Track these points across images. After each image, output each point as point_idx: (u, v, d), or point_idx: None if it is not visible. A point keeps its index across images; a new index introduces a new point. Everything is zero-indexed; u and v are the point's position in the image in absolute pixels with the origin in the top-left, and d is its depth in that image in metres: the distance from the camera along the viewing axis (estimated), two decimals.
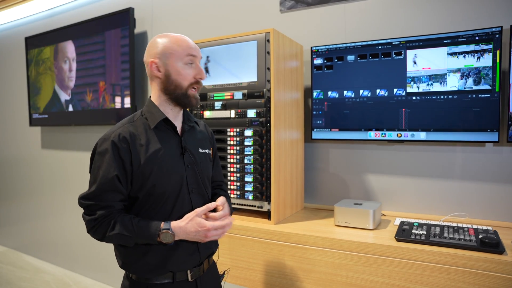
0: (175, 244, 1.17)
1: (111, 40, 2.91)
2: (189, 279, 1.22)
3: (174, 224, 1.14)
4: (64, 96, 3.34)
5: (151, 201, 1.17)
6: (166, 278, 1.20)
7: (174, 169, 1.19)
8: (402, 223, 1.63)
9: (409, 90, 1.77)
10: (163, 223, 1.13)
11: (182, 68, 1.18)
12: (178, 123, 1.26)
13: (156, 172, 1.15)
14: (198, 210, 1.16)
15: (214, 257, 1.40)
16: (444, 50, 1.69)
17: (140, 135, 1.17)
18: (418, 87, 1.75)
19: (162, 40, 1.19)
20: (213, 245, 1.32)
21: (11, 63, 3.98)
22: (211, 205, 1.18)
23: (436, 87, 1.71)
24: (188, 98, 1.20)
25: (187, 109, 1.35)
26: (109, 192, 1.12)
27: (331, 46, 1.94)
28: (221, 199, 1.26)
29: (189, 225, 1.13)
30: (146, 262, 1.17)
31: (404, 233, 1.51)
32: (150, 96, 1.26)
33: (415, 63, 1.75)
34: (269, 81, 1.72)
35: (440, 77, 1.70)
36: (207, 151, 1.34)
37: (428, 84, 1.73)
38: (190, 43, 1.21)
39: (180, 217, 1.19)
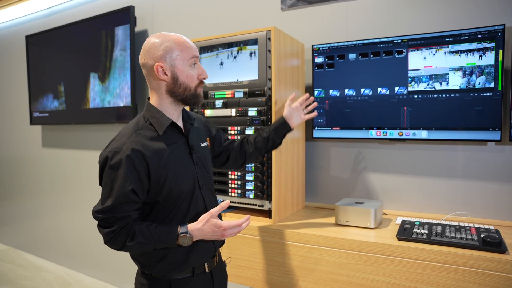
0: (195, 242, 1.21)
1: None
2: (206, 270, 1.27)
3: (191, 226, 1.17)
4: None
5: (169, 204, 1.20)
6: (187, 273, 1.23)
7: (186, 170, 1.22)
8: (403, 222, 1.63)
9: (410, 88, 1.76)
10: (180, 227, 1.16)
11: (188, 70, 1.19)
12: (180, 123, 1.28)
13: (171, 176, 1.17)
14: (213, 211, 1.18)
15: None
16: (446, 48, 1.68)
17: (151, 143, 1.17)
18: (419, 86, 1.74)
19: (163, 41, 1.17)
20: None
21: (12, 61, 3.98)
22: (224, 204, 1.20)
23: (438, 85, 1.70)
24: (197, 98, 1.24)
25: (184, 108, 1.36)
26: (125, 204, 1.12)
27: (332, 45, 1.93)
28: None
29: (205, 226, 1.16)
30: (168, 262, 1.20)
31: (405, 232, 1.50)
32: (148, 99, 1.25)
33: (416, 61, 1.74)
34: (270, 79, 1.72)
35: (441, 76, 1.69)
36: (206, 144, 1.37)
37: (429, 83, 1.72)
38: (191, 44, 1.22)
39: (196, 215, 1.23)
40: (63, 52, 3.31)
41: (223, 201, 1.25)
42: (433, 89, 1.71)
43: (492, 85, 1.59)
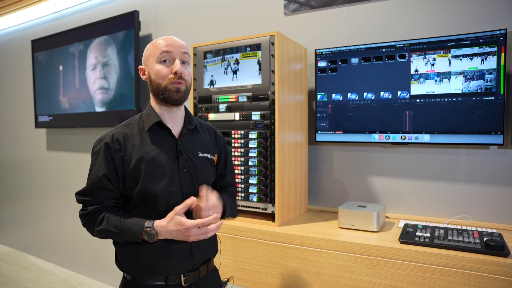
0: (167, 247, 1.17)
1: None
2: (183, 283, 1.20)
3: (157, 223, 1.11)
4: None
5: (143, 202, 1.18)
6: (159, 280, 1.19)
7: (165, 172, 1.18)
8: (406, 225, 1.63)
9: (413, 92, 1.77)
10: (147, 221, 1.12)
11: (158, 67, 1.18)
12: (175, 126, 1.24)
13: (146, 174, 1.16)
14: (177, 208, 1.10)
15: (216, 262, 1.37)
16: (448, 52, 1.69)
17: (134, 136, 1.19)
18: (422, 90, 1.75)
19: (149, 44, 1.24)
20: (209, 251, 1.29)
21: (18, 65, 4.02)
22: (189, 201, 1.12)
23: (440, 89, 1.71)
24: (168, 92, 1.17)
25: (189, 111, 1.32)
26: (100, 190, 1.16)
27: (335, 49, 1.95)
28: (204, 189, 1.17)
29: (170, 224, 1.10)
30: (138, 262, 1.19)
31: (408, 236, 1.51)
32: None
33: (418, 65, 1.75)
34: (273, 83, 1.73)
35: (444, 80, 1.70)
36: (209, 156, 1.30)
37: (432, 87, 1.73)
38: (166, 41, 1.19)
39: None
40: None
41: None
42: (435, 93, 1.72)
43: (494, 89, 1.60)
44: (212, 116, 1.94)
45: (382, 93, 1.85)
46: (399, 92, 1.80)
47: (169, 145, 1.21)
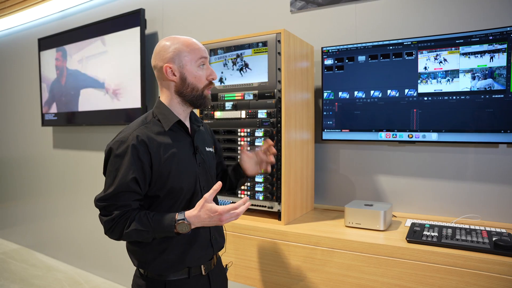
0: (191, 241, 1.23)
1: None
2: (203, 273, 1.27)
3: (188, 213, 1.16)
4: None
5: (169, 200, 1.22)
6: (183, 274, 1.24)
7: (189, 169, 1.24)
8: (413, 224, 1.62)
9: (420, 90, 1.75)
10: (177, 214, 1.16)
11: (196, 71, 1.23)
12: (188, 124, 1.31)
13: (174, 172, 1.20)
14: (206, 195, 1.15)
15: (220, 251, 1.45)
16: (456, 50, 1.67)
17: (156, 137, 1.21)
18: (429, 88, 1.73)
19: (172, 43, 1.22)
20: (221, 240, 1.39)
21: (25, 63, 4.05)
22: (216, 186, 1.16)
23: (448, 87, 1.69)
24: (204, 99, 1.25)
25: (193, 110, 1.37)
26: (126, 193, 1.15)
27: (341, 47, 1.94)
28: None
29: (201, 212, 1.15)
30: (164, 260, 1.21)
31: (415, 235, 1.50)
32: (159, 97, 1.29)
33: (426, 63, 1.74)
34: (280, 81, 1.72)
35: (452, 78, 1.68)
36: (211, 149, 1.40)
37: (439, 85, 1.71)
38: (200, 46, 1.25)
39: None
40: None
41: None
42: (443, 91, 1.70)
43: (503, 87, 1.58)
44: (218, 114, 1.93)
45: (389, 91, 1.83)
46: (406, 90, 1.79)
47: (186, 142, 1.27)
